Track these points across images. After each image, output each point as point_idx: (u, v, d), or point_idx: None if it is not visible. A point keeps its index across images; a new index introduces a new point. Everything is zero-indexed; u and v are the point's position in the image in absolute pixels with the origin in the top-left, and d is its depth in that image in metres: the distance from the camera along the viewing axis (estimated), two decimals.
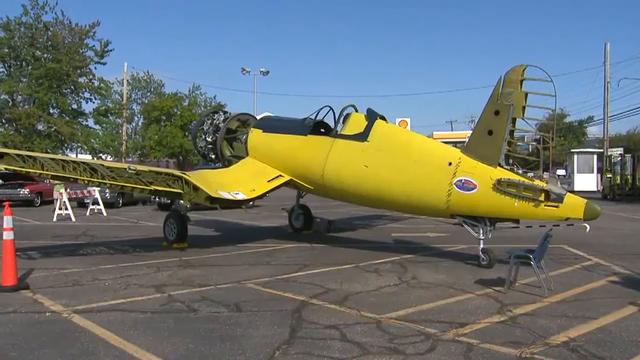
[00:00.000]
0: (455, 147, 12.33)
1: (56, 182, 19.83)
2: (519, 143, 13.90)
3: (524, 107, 10.67)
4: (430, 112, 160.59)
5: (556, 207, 10.08)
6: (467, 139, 12.53)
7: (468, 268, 10.55)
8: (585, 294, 8.36)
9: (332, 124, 13.48)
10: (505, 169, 10.50)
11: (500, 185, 10.26)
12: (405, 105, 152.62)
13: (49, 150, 33.94)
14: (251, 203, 19.99)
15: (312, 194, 14.26)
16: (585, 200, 10.22)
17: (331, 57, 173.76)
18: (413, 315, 7.09)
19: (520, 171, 10.66)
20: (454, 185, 10.70)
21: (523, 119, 10.92)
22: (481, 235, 10.81)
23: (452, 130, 74.45)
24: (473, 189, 10.54)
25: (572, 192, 13.01)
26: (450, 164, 10.87)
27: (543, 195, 10.10)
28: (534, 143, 14.82)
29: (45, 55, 36.29)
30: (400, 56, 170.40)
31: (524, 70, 10.60)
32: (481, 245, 10.74)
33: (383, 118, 12.72)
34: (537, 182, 10.37)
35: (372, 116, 12.50)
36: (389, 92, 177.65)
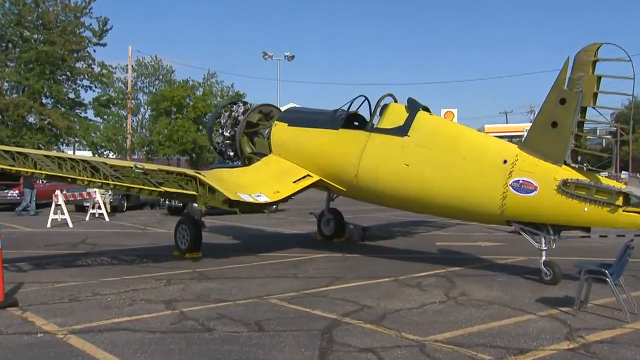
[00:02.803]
0: (511, 142, 12.20)
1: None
2: (589, 137, 13.70)
3: (595, 94, 10.44)
4: (480, 101, 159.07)
5: (638, 213, 9.88)
6: (525, 133, 12.39)
7: (528, 284, 10.43)
8: None
9: (367, 117, 13.50)
10: (572, 167, 10.34)
11: (566, 187, 10.09)
12: (451, 94, 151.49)
13: (41, 145, 34.00)
14: (275, 207, 20.04)
15: (344, 196, 14.28)
16: None
17: (366, 41, 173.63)
18: (462, 339, 7.05)
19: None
20: (510, 187, 10.57)
21: (594, 108, 10.71)
22: (543, 245, 10.65)
23: (506, 123, 73.84)
24: (533, 191, 10.41)
25: None
26: (505, 161, 10.76)
27: (621, 198, 9.87)
28: (608, 136, 14.58)
29: (36, 35, 35.84)
30: (445, 38, 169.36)
31: (597, 50, 10.33)
32: (543, 258, 10.58)
33: (426, 109, 12.68)
34: (613, 183, 10.18)
35: (413, 107, 12.46)
36: (433, 79, 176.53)
